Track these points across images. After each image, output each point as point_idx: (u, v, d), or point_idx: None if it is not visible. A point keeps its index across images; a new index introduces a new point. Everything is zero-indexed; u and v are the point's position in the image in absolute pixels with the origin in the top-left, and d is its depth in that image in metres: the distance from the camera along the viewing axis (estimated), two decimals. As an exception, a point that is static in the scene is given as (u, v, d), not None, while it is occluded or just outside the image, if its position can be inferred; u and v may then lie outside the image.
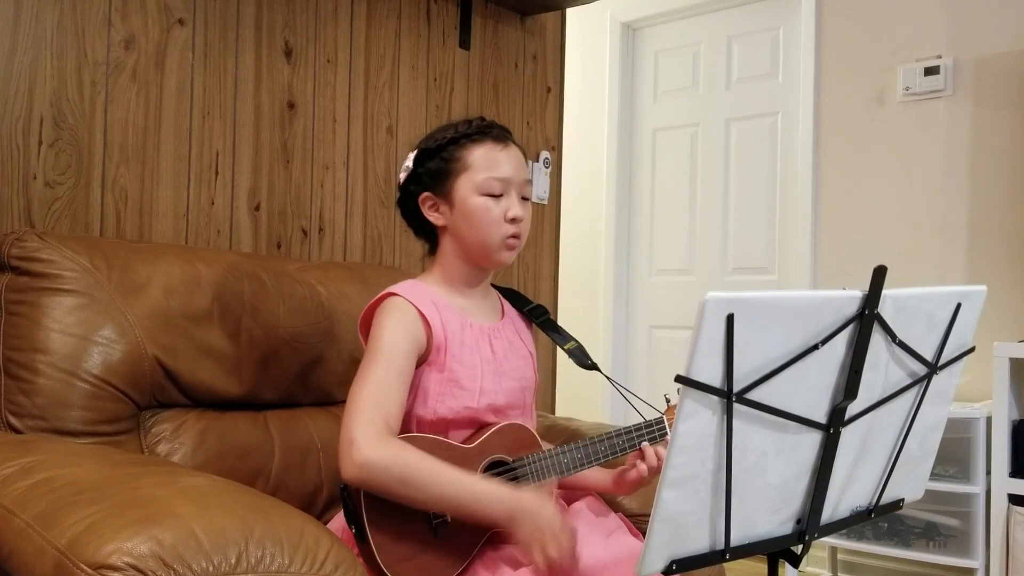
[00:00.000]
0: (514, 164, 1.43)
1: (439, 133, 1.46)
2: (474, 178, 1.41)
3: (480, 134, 1.43)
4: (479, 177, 1.40)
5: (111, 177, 1.77)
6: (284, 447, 1.62)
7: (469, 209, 1.41)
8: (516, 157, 1.45)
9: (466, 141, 1.42)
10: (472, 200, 1.41)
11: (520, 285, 2.69)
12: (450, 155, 1.43)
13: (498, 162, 1.42)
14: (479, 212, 1.41)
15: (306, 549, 1.01)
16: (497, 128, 1.46)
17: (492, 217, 1.41)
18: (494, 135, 1.44)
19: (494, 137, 1.44)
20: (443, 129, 1.47)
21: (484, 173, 1.41)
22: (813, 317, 0.96)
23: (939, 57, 3.15)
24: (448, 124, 1.49)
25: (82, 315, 1.43)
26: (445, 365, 1.39)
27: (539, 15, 2.74)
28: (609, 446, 1.44)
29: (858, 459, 1.11)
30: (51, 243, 1.46)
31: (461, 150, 1.42)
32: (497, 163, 1.41)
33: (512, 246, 1.43)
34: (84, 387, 1.40)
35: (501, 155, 1.42)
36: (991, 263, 3.02)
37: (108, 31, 1.76)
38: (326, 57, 2.16)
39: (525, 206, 1.45)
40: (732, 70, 3.79)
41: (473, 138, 1.43)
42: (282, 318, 1.66)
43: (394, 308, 1.39)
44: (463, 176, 1.41)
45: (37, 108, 1.66)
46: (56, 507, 1.01)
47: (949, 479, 2.76)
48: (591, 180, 4.10)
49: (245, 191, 1.99)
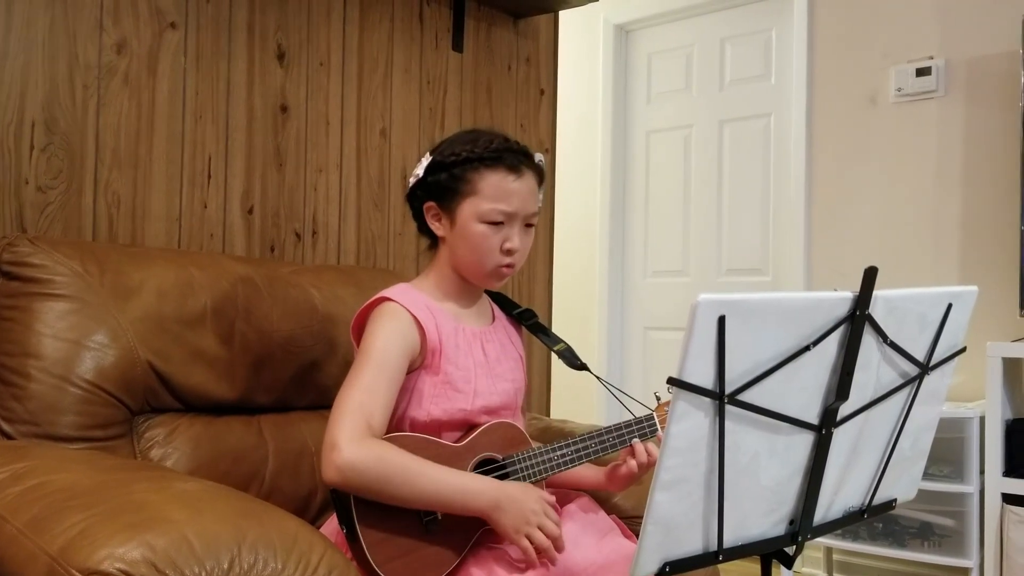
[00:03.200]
0: (523, 196, 1.40)
1: (456, 146, 1.42)
2: (479, 206, 1.39)
3: (495, 159, 1.40)
4: (484, 206, 1.39)
5: (103, 181, 1.76)
6: (278, 451, 1.61)
7: (468, 233, 1.40)
8: (528, 187, 1.41)
9: (479, 164, 1.39)
10: (472, 226, 1.40)
11: (515, 288, 2.69)
12: (460, 174, 1.40)
13: (507, 193, 1.39)
14: (476, 239, 1.40)
15: (299, 553, 1.01)
16: (514, 154, 1.41)
17: (488, 246, 1.40)
18: (509, 163, 1.40)
19: (508, 165, 1.40)
20: (461, 141, 1.43)
21: (489, 203, 1.39)
22: (805, 318, 0.96)
23: (931, 58, 3.16)
24: (468, 135, 1.45)
25: (74, 320, 1.42)
26: (440, 368, 1.39)
27: (532, 17, 2.74)
28: (599, 443, 1.45)
29: (850, 460, 1.11)
30: (43, 248, 1.46)
31: (472, 173, 1.40)
32: (506, 195, 1.39)
33: (503, 275, 1.44)
34: (76, 392, 1.40)
35: (513, 185, 1.39)
36: (984, 263, 3.03)
37: (100, 35, 1.76)
38: (319, 60, 2.16)
39: (527, 234, 1.44)
40: (725, 72, 3.80)
41: (487, 162, 1.39)
42: (275, 322, 1.66)
43: (387, 313, 1.39)
44: (469, 200, 1.40)
45: (29, 112, 1.66)
46: (48, 513, 1.01)
47: (943, 479, 2.76)
48: (585, 182, 4.10)
49: (238, 194, 1.99)
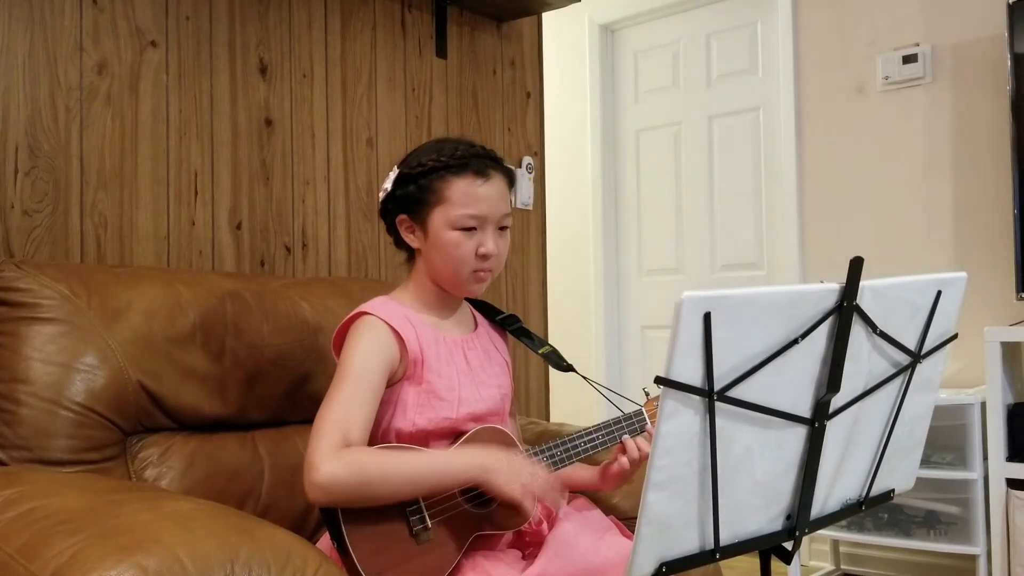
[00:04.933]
0: (492, 200, 1.40)
1: (422, 156, 1.43)
2: (449, 213, 1.39)
3: (461, 166, 1.39)
4: (454, 213, 1.38)
5: (89, 203, 1.76)
6: (273, 466, 1.61)
7: (442, 242, 1.40)
8: (496, 190, 1.41)
9: (445, 172, 1.39)
10: (445, 234, 1.39)
11: (508, 291, 2.69)
12: (428, 184, 1.40)
13: (475, 199, 1.39)
14: (450, 247, 1.39)
15: (294, 568, 1.00)
16: (479, 159, 1.41)
17: (463, 252, 1.39)
18: (475, 168, 1.40)
19: (475, 170, 1.40)
20: (427, 152, 1.43)
21: (459, 209, 1.38)
22: (792, 312, 0.96)
23: (917, 45, 3.16)
24: (433, 144, 1.46)
25: (63, 343, 1.42)
26: (423, 378, 1.39)
27: (515, 21, 2.74)
28: (588, 441, 1.44)
29: (845, 452, 1.10)
30: (29, 272, 1.45)
31: (439, 181, 1.39)
32: (474, 199, 1.39)
33: (481, 279, 1.43)
34: (68, 415, 1.39)
35: (481, 190, 1.39)
36: (978, 248, 3.02)
37: (80, 56, 1.75)
38: (302, 72, 2.16)
39: (502, 236, 1.43)
40: (712, 67, 3.79)
41: (453, 170, 1.39)
42: (266, 336, 1.65)
43: (365, 328, 1.38)
44: (438, 208, 1.40)
45: (12, 136, 1.66)
46: (39, 538, 1.00)
47: (946, 466, 2.75)
48: (576, 184, 4.10)
49: (226, 210, 1.99)
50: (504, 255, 1.44)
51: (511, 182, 1.46)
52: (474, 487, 1.33)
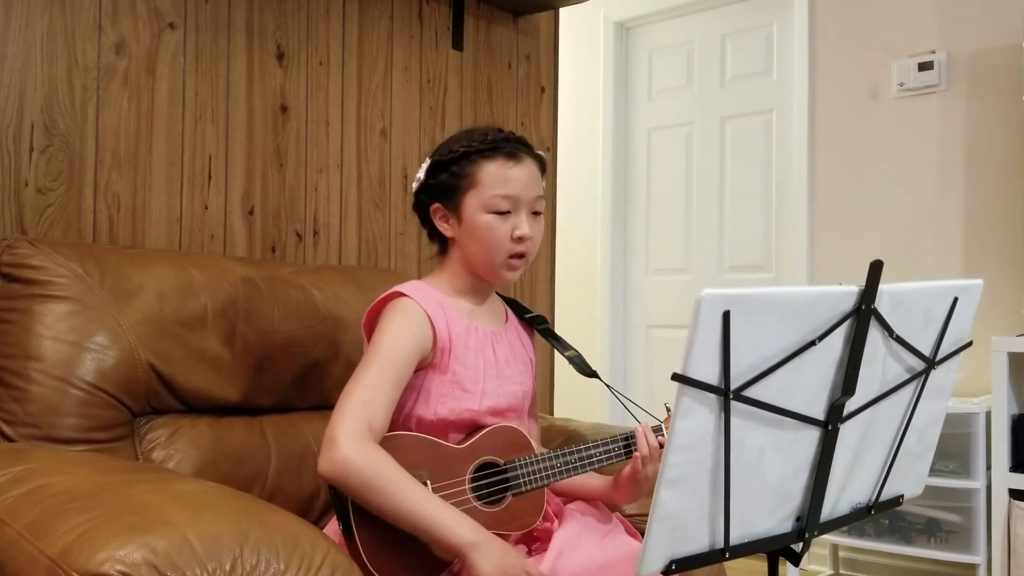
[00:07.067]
0: (524, 181, 1.41)
1: (453, 144, 1.44)
2: (482, 195, 1.39)
3: (492, 149, 1.41)
4: (487, 195, 1.39)
5: (103, 183, 1.76)
6: (280, 452, 1.61)
7: (476, 226, 1.40)
8: (529, 173, 1.42)
9: (477, 156, 1.41)
10: (479, 217, 1.40)
11: (516, 287, 2.68)
12: (460, 170, 1.41)
13: (508, 180, 1.39)
14: (484, 230, 1.40)
15: (302, 554, 1.00)
16: (511, 143, 1.43)
17: (498, 235, 1.40)
18: (506, 151, 1.41)
19: (506, 153, 1.41)
20: (458, 139, 1.45)
21: (492, 191, 1.39)
22: (810, 313, 0.95)
23: (933, 52, 3.15)
24: (464, 133, 1.47)
25: (74, 322, 1.42)
26: (449, 367, 1.39)
27: (532, 15, 2.73)
28: (604, 452, 1.43)
29: (857, 455, 1.10)
30: (43, 250, 1.45)
31: (471, 166, 1.40)
32: (506, 181, 1.39)
33: (515, 266, 1.43)
34: (77, 394, 1.39)
35: (512, 172, 1.40)
36: (988, 257, 3.02)
37: (99, 36, 1.75)
38: (318, 60, 2.15)
39: (536, 221, 1.43)
40: (726, 68, 3.78)
41: (484, 153, 1.40)
42: (276, 323, 1.65)
43: (401, 308, 1.38)
44: (472, 192, 1.40)
45: (28, 114, 1.65)
46: (48, 516, 1.00)
47: (949, 475, 2.75)
48: (586, 180, 4.09)
49: (238, 195, 1.98)
50: (538, 240, 1.44)
51: (543, 167, 1.47)
52: (485, 487, 1.33)
